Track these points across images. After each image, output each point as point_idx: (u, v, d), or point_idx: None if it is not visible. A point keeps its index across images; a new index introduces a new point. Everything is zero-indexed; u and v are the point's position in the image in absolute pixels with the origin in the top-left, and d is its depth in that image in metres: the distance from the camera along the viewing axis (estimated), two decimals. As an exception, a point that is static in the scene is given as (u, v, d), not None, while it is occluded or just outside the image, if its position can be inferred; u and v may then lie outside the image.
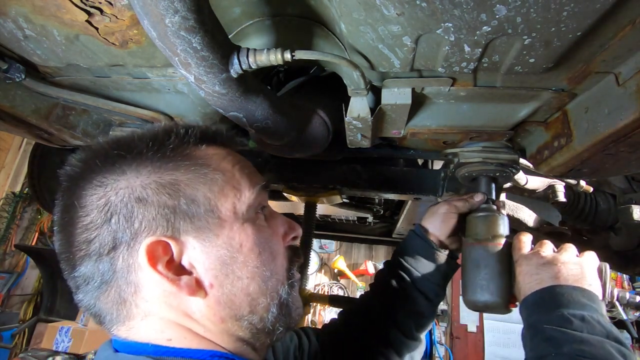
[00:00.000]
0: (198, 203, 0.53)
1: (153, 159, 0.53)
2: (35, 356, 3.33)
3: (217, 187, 0.55)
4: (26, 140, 6.07)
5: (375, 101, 0.91)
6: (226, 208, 0.55)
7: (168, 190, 0.52)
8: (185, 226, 0.52)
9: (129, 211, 0.50)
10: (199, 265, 0.53)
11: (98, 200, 0.50)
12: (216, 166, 0.57)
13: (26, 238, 6.35)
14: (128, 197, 0.50)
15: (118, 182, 0.51)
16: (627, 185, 1.56)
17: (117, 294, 0.51)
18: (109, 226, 0.50)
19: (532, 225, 1.74)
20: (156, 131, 0.57)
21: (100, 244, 0.50)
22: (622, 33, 0.60)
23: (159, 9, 0.51)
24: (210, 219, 0.54)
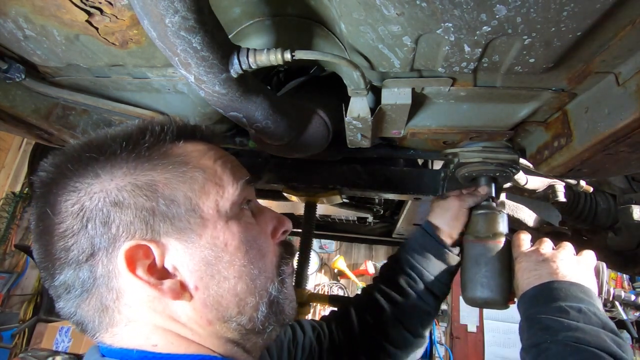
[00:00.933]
0: (178, 203, 0.51)
1: (128, 160, 0.51)
2: (35, 356, 3.33)
3: (197, 185, 0.53)
4: (26, 140, 6.07)
5: (375, 101, 0.91)
6: (208, 206, 0.53)
7: (145, 192, 0.50)
8: (166, 228, 0.50)
9: (105, 216, 0.48)
10: (183, 267, 0.51)
11: (72, 207, 0.48)
12: (196, 163, 0.55)
13: (26, 238, 6.35)
14: (103, 202, 0.48)
15: (92, 186, 0.49)
16: (627, 185, 1.56)
17: (99, 301, 0.50)
18: (86, 232, 0.48)
19: (532, 225, 1.74)
20: (130, 130, 0.54)
21: (79, 251, 0.48)
22: (622, 33, 0.60)
23: (159, 9, 0.51)
24: (192, 218, 0.52)
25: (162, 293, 0.49)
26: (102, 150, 0.51)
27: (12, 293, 6.06)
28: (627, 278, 5.46)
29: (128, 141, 0.52)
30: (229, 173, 0.58)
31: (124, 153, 0.51)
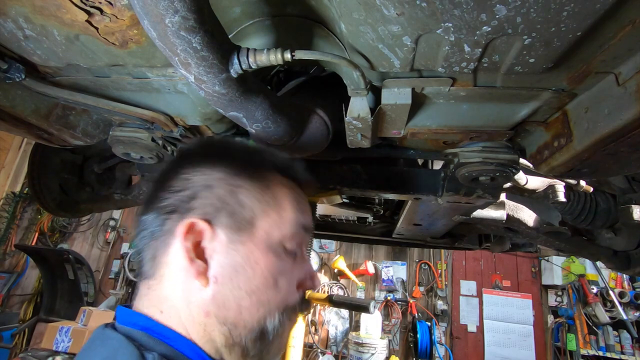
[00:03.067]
0: (244, 209, 0.60)
1: (238, 167, 0.64)
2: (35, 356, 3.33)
3: (266, 207, 0.62)
4: (26, 140, 6.07)
5: (375, 101, 0.91)
6: (262, 228, 0.61)
7: (230, 190, 0.61)
8: (225, 220, 0.59)
9: (195, 192, 0.60)
10: (216, 258, 0.58)
11: (184, 175, 0.62)
12: (276, 193, 0.64)
13: (26, 238, 6.36)
14: (202, 182, 0.61)
15: (204, 170, 0.62)
16: (627, 185, 1.56)
17: (155, 249, 0.59)
18: (178, 195, 0.60)
19: (532, 225, 1.74)
20: (251, 149, 0.69)
21: (166, 205, 0.60)
22: (622, 33, 0.60)
23: (159, 9, 0.51)
24: (246, 227, 0.60)
25: (191, 267, 0.56)
26: (227, 154, 0.66)
27: (12, 293, 6.06)
28: (627, 278, 5.46)
29: (245, 155, 0.67)
30: (295, 217, 0.65)
31: (238, 162, 0.64)
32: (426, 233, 2.09)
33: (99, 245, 6.65)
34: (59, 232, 6.56)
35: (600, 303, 5.12)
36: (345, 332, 5.72)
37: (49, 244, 6.35)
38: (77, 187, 1.96)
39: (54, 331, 3.67)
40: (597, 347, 5.12)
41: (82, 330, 3.65)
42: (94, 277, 5.88)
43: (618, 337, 5.12)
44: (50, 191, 1.86)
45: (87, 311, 3.88)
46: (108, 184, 2.01)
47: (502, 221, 1.66)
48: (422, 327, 5.50)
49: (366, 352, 4.87)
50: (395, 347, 5.67)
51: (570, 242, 1.89)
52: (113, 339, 0.54)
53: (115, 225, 6.71)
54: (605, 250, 1.85)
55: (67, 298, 5.26)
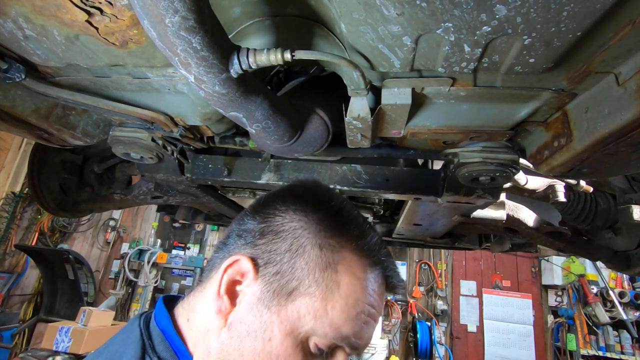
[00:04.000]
0: (293, 276, 0.55)
1: (317, 226, 0.58)
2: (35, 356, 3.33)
3: (315, 289, 0.54)
4: (26, 140, 6.07)
5: (375, 101, 0.91)
6: (297, 307, 0.53)
7: (293, 247, 0.56)
8: (269, 276, 0.55)
9: (267, 230, 0.59)
10: (242, 306, 0.55)
11: (275, 207, 0.61)
12: (338, 280, 0.55)
13: (26, 238, 6.36)
14: (277, 223, 0.59)
15: (288, 212, 0.60)
16: (627, 185, 1.56)
17: (215, 260, 0.62)
18: (256, 224, 0.60)
19: (532, 225, 1.74)
20: (346, 212, 0.62)
21: (244, 226, 0.61)
22: (622, 33, 0.60)
23: (159, 9, 0.51)
24: (282, 295, 0.54)
25: (216, 300, 0.56)
26: (318, 205, 0.61)
27: (12, 293, 6.06)
28: (627, 278, 5.46)
29: (331, 217, 0.60)
30: (343, 322, 0.54)
31: (319, 220, 0.59)
32: (426, 233, 2.09)
33: (99, 245, 6.65)
34: (59, 232, 6.57)
35: (600, 303, 5.13)
36: (345, 332, 5.71)
37: (49, 244, 6.35)
38: (77, 187, 1.96)
39: (54, 331, 3.67)
40: (597, 347, 5.12)
41: (82, 330, 3.65)
42: (94, 277, 5.89)
43: (618, 337, 5.12)
44: (50, 191, 1.86)
45: (87, 311, 3.88)
46: (108, 184, 2.01)
47: (502, 221, 1.66)
48: (422, 327, 5.50)
49: (366, 352, 4.87)
50: (395, 347, 5.67)
51: (570, 242, 1.89)
52: (133, 333, 0.58)
53: (115, 225, 6.71)
54: (605, 250, 1.85)
55: (67, 298, 5.26)
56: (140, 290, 6.02)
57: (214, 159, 1.45)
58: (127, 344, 0.56)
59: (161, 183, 1.66)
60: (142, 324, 0.59)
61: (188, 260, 6.23)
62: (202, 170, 1.45)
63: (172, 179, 1.50)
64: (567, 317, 5.45)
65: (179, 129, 1.14)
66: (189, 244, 6.61)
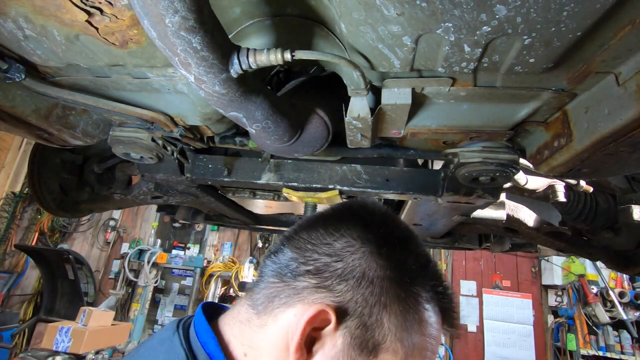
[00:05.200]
0: (380, 331, 0.52)
1: (401, 274, 0.55)
2: (35, 356, 3.33)
3: (399, 345, 0.52)
4: (26, 140, 6.07)
5: (375, 101, 0.91)
6: (390, 342, 0.52)
7: (379, 300, 0.52)
8: (354, 327, 0.51)
9: (347, 272, 0.53)
10: (321, 356, 0.51)
11: (348, 238, 0.55)
12: (419, 337, 0.54)
13: (26, 238, 6.36)
14: (359, 267, 0.53)
15: (367, 250, 0.54)
16: (627, 185, 1.56)
17: (278, 293, 0.55)
18: (330, 263, 0.54)
19: (532, 225, 1.74)
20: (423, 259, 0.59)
21: (314, 261, 0.54)
22: (622, 33, 0.60)
23: (159, 9, 0.51)
24: (368, 351, 0.51)
25: (296, 351, 0.50)
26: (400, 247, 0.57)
27: (12, 293, 6.06)
28: (627, 278, 5.46)
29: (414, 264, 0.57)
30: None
31: (405, 267, 0.55)
32: (426, 233, 2.09)
33: (99, 245, 6.65)
34: (59, 232, 6.57)
35: (600, 303, 5.12)
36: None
37: (49, 244, 6.35)
38: (77, 187, 1.96)
39: (54, 331, 3.67)
40: (597, 347, 5.12)
41: (82, 330, 3.65)
42: (94, 277, 5.89)
43: (618, 337, 5.12)
44: (50, 191, 1.86)
45: (87, 311, 3.87)
46: (108, 184, 2.01)
47: (502, 221, 1.66)
48: (422, 327, 5.49)
49: (366, 352, 4.86)
50: (395, 347, 5.66)
51: (570, 242, 1.89)
52: (176, 354, 0.52)
53: (115, 225, 6.71)
54: (605, 250, 1.85)
55: (67, 298, 5.26)
56: (140, 290, 6.02)
57: (214, 159, 1.45)
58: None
59: (161, 183, 1.66)
60: (184, 340, 0.54)
61: (188, 260, 6.23)
62: (202, 170, 1.45)
63: (172, 179, 1.50)
64: (567, 317, 5.45)
65: (179, 129, 1.14)
66: (189, 244, 6.61)
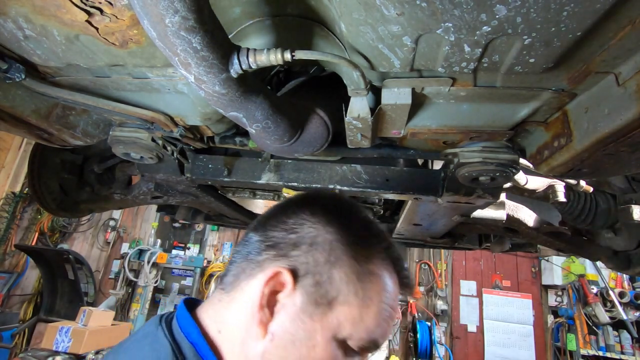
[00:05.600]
0: (332, 286, 0.57)
1: (349, 237, 0.61)
2: (35, 356, 3.33)
3: (353, 297, 0.57)
4: (26, 140, 6.07)
5: (375, 101, 0.91)
6: (338, 315, 0.56)
7: (329, 259, 0.58)
8: (309, 286, 0.56)
9: (300, 241, 0.59)
10: (283, 316, 0.56)
11: (303, 218, 0.62)
12: (371, 288, 0.59)
13: (26, 238, 6.36)
14: (310, 235, 0.60)
15: (320, 224, 0.61)
16: (627, 185, 1.56)
17: (242, 270, 0.60)
18: (285, 235, 0.60)
19: (532, 225, 1.74)
20: (373, 226, 0.66)
21: (272, 237, 0.61)
22: (622, 33, 0.60)
23: (159, 9, 0.51)
24: (323, 305, 0.56)
25: (257, 312, 0.55)
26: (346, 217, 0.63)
27: (12, 293, 6.06)
28: (627, 278, 5.46)
29: (361, 228, 0.64)
30: (374, 328, 0.59)
31: (351, 231, 0.61)
32: (426, 233, 2.09)
33: (99, 245, 6.65)
34: (59, 232, 6.57)
35: (600, 303, 5.12)
36: (345, 332, 5.72)
37: (49, 244, 6.35)
38: (77, 187, 1.96)
39: (54, 331, 3.67)
40: (597, 347, 5.12)
41: (82, 330, 3.65)
42: (94, 277, 5.89)
43: (618, 337, 5.12)
44: (50, 191, 1.86)
45: (87, 311, 3.88)
46: (108, 184, 2.01)
47: (502, 221, 1.66)
48: (422, 327, 5.50)
49: (366, 352, 4.86)
50: (395, 347, 5.67)
51: (570, 242, 1.89)
52: (162, 346, 0.55)
53: (115, 225, 6.71)
54: (605, 250, 1.85)
55: (67, 298, 5.26)
56: (140, 290, 6.01)
57: (214, 159, 1.45)
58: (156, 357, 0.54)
59: (161, 183, 1.66)
60: (168, 332, 0.57)
61: (188, 260, 6.23)
62: (202, 170, 1.45)
63: (172, 179, 1.50)
64: (567, 317, 5.45)
65: (179, 129, 1.14)
66: (189, 244, 6.60)
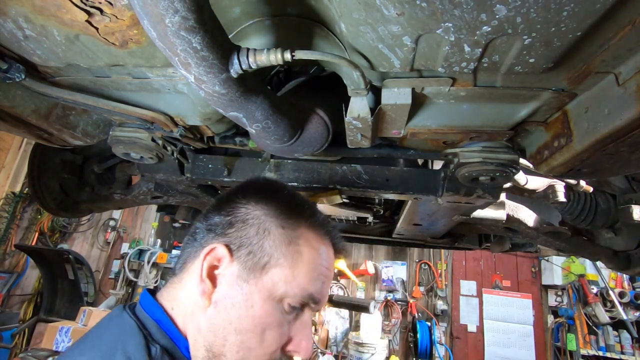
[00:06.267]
0: (263, 253, 0.64)
1: (276, 211, 0.68)
2: (35, 356, 3.33)
3: (282, 260, 0.65)
4: (26, 140, 6.06)
5: (375, 101, 0.91)
6: (271, 276, 0.64)
7: (259, 231, 0.66)
8: (244, 256, 0.64)
9: (234, 221, 0.67)
10: (224, 285, 0.64)
11: (237, 203, 0.69)
12: (299, 250, 0.66)
13: (26, 238, 6.35)
14: (242, 215, 0.67)
15: (250, 204, 0.69)
16: (627, 185, 1.56)
17: (188, 254, 0.69)
18: (222, 219, 0.68)
19: (532, 225, 1.74)
20: (298, 199, 0.74)
21: (211, 222, 0.68)
22: (622, 33, 0.60)
23: (159, 9, 0.51)
24: (257, 270, 0.64)
25: (200, 284, 0.63)
26: (273, 196, 0.71)
27: (12, 293, 6.05)
28: (627, 278, 5.46)
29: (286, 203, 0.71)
30: (307, 284, 0.65)
31: (278, 206, 0.69)
32: (426, 233, 2.09)
33: (99, 245, 6.65)
34: (59, 232, 6.56)
35: (600, 303, 5.12)
36: (345, 332, 5.72)
37: (49, 244, 6.34)
38: (77, 187, 1.96)
39: (54, 331, 3.67)
40: (597, 347, 5.12)
41: (82, 330, 3.65)
42: (94, 277, 5.88)
43: (618, 337, 5.12)
44: (50, 191, 1.86)
45: (87, 311, 3.88)
46: (108, 184, 2.01)
47: (502, 221, 1.66)
48: (422, 327, 5.50)
49: (366, 352, 4.87)
50: (395, 347, 5.67)
51: (570, 242, 1.89)
52: (127, 323, 0.62)
53: (115, 225, 6.70)
54: (605, 250, 1.85)
55: (67, 298, 5.26)
56: (140, 290, 6.02)
57: (214, 159, 1.45)
58: (126, 335, 0.60)
59: (161, 183, 1.66)
60: (132, 314, 0.64)
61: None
62: (202, 170, 1.45)
63: (172, 179, 1.50)
64: (567, 317, 5.44)
65: (179, 129, 1.14)
66: (189, 244, 6.60)
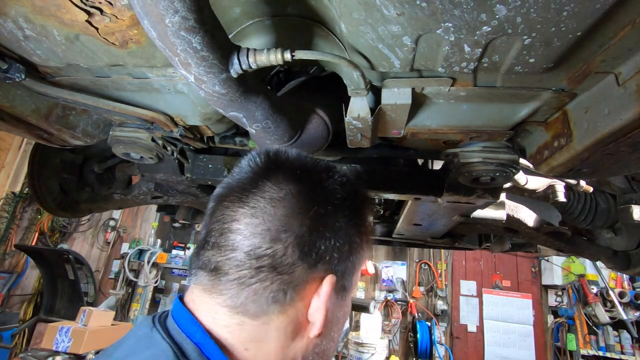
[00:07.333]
0: (355, 268, 0.60)
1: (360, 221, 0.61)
2: (35, 356, 3.33)
3: (360, 265, 0.62)
4: (26, 140, 6.06)
5: (375, 101, 0.91)
6: (354, 281, 0.61)
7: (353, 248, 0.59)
8: (342, 279, 0.58)
9: (340, 250, 0.58)
10: (329, 313, 0.56)
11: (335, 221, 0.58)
12: (366, 250, 0.62)
13: (26, 238, 6.36)
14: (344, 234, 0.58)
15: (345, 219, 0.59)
16: (627, 185, 1.56)
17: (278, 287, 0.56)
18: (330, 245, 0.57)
19: (532, 225, 1.74)
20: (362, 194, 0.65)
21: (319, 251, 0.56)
22: (622, 33, 0.60)
23: (159, 9, 0.51)
24: (351, 286, 0.60)
25: (314, 332, 0.55)
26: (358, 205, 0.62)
27: (12, 293, 6.06)
28: (627, 278, 5.46)
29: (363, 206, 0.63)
30: (358, 277, 0.63)
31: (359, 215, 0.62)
32: (426, 233, 2.09)
33: (99, 245, 6.65)
34: (59, 232, 6.56)
35: (600, 303, 5.12)
36: (345, 332, 5.72)
37: (49, 244, 6.35)
38: (77, 187, 1.96)
39: (54, 331, 3.67)
40: (597, 347, 5.12)
41: (82, 330, 3.65)
42: (94, 277, 5.88)
43: (618, 337, 5.12)
44: (50, 191, 1.86)
45: (87, 311, 3.87)
46: (108, 184, 2.01)
47: (502, 221, 1.66)
48: (422, 327, 5.50)
49: (366, 352, 4.87)
50: (395, 347, 5.67)
51: (570, 242, 1.89)
52: (161, 349, 0.48)
53: (115, 225, 6.71)
54: (605, 250, 1.85)
55: (67, 298, 5.25)
56: (140, 290, 6.02)
57: (214, 159, 1.45)
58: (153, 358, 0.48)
59: (161, 183, 1.66)
60: (165, 334, 0.50)
61: (188, 260, 6.22)
62: (202, 170, 1.45)
63: (172, 179, 1.50)
64: (567, 317, 5.44)
65: (179, 129, 1.14)
66: (189, 244, 6.60)
